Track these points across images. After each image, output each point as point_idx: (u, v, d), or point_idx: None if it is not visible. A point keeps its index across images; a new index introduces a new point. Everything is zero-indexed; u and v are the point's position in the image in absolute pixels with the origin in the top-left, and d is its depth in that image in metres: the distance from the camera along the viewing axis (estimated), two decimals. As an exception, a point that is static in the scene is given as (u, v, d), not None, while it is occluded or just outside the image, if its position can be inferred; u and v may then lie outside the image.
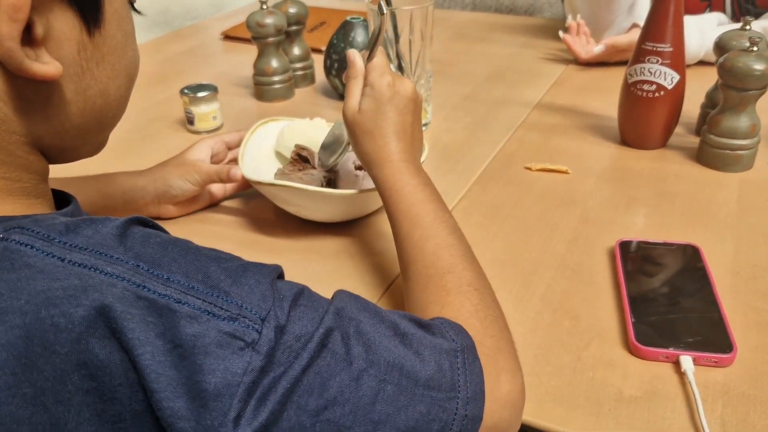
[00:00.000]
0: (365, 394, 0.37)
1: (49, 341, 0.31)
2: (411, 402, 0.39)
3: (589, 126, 0.95)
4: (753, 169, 0.81)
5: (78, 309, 0.31)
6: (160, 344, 0.32)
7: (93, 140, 0.43)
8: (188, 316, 0.33)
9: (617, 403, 0.50)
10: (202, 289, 0.35)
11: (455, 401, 0.40)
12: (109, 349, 0.32)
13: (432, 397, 0.40)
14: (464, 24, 1.46)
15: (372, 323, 0.41)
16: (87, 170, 0.74)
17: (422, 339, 0.42)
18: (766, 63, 0.75)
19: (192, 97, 0.94)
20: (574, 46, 1.15)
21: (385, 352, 0.39)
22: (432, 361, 0.41)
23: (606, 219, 0.73)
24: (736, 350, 0.53)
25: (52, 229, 0.33)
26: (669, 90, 0.83)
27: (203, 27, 1.52)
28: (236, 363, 0.33)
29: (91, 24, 0.37)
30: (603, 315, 0.59)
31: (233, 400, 0.33)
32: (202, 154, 0.74)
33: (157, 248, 0.35)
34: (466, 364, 0.42)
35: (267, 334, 0.35)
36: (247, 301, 0.35)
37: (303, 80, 1.13)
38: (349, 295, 0.43)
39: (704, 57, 1.10)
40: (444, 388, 0.40)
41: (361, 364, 0.38)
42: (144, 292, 0.33)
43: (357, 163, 0.73)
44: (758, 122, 0.79)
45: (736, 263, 0.65)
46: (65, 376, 0.31)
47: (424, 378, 0.40)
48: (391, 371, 0.39)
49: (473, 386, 0.42)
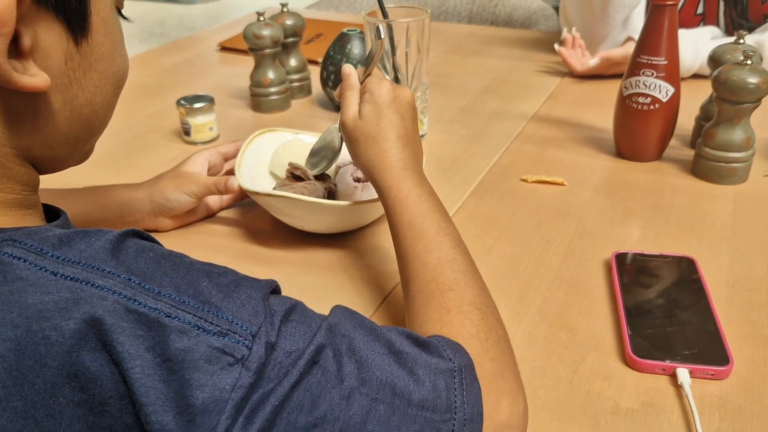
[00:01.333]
0: (356, 413, 0.37)
1: (40, 354, 0.31)
2: (404, 423, 0.38)
3: (584, 138, 0.95)
4: (748, 182, 0.82)
5: (69, 322, 0.31)
6: (150, 358, 0.32)
7: (81, 149, 0.43)
8: (178, 331, 0.33)
9: (614, 416, 0.50)
10: (192, 304, 0.34)
11: (451, 423, 0.40)
12: (99, 362, 0.32)
13: (426, 418, 0.39)
14: (460, 36, 1.47)
15: (366, 341, 0.40)
16: (83, 181, 0.74)
17: (418, 358, 0.41)
18: (760, 76, 0.75)
19: (188, 108, 0.94)
20: (570, 59, 1.16)
21: (378, 371, 0.39)
22: (427, 380, 0.40)
23: (602, 231, 0.73)
24: (733, 363, 0.53)
25: (44, 242, 0.33)
26: (664, 103, 0.83)
27: (200, 38, 1.52)
28: (225, 379, 0.33)
29: (78, 34, 0.37)
30: (599, 327, 0.59)
31: (221, 416, 0.33)
32: (198, 166, 0.74)
33: (150, 262, 0.35)
34: (464, 385, 0.41)
35: (257, 350, 0.35)
36: (238, 316, 0.35)
37: (299, 92, 1.13)
38: (345, 311, 0.43)
39: (698, 70, 1.10)
40: (439, 409, 0.40)
41: (353, 382, 0.37)
42: (134, 305, 0.33)
43: (355, 174, 0.73)
44: (753, 135, 0.80)
45: (731, 275, 0.65)
46: (56, 389, 0.31)
47: (418, 398, 0.39)
48: (383, 390, 0.38)
49: (470, 407, 0.41)
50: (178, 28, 4.34)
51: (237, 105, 1.11)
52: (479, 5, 1.75)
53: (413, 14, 0.86)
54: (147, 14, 4.58)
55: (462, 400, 0.41)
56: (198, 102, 0.95)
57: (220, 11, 4.72)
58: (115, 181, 0.73)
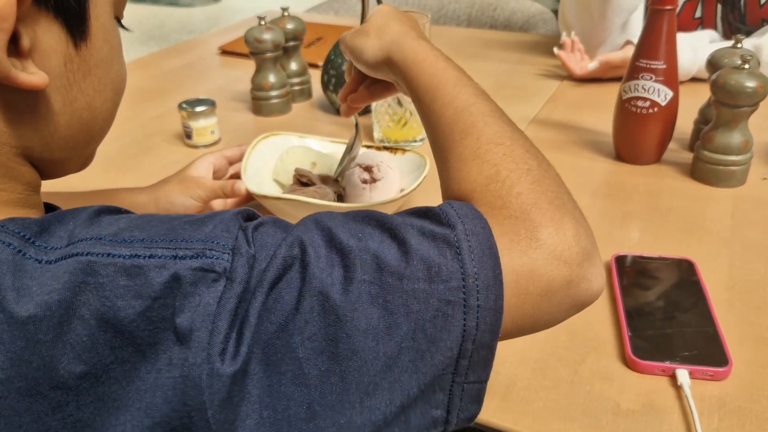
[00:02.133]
0: (345, 300, 0.34)
1: (30, 332, 0.31)
2: (402, 300, 0.35)
3: (584, 141, 0.96)
4: (746, 185, 0.82)
5: (52, 295, 0.31)
6: (139, 303, 0.32)
7: (80, 153, 0.43)
8: (156, 267, 0.32)
9: (614, 416, 0.50)
10: (165, 240, 0.34)
11: (459, 291, 0.35)
12: (90, 329, 0.31)
13: (427, 291, 0.35)
14: (459, 40, 1.47)
15: (350, 224, 0.37)
16: (85, 184, 0.74)
17: (411, 228, 0.37)
18: (757, 80, 0.76)
19: (190, 111, 0.95)
20: (569, 62, 1.17)
21: (362, 252, 0.35)
22: (422, 249, 0.36)
23: (601, 233, 0.74)
24: (732, 364, 0.53)
25: (26, 229, 0.34)
26: (663, 106, 0.84)
27: (200, 42, 1.53)
28: (210, 294, 0.32)
29: (77, 37, 0.37)
30: (600, 329, 0.59)
31: (212, 331, 0.32)
32: (203, 170, 0.75)
33: (123, 223, 0.35)
34: (472, 247, 0.36)
35: (239, 261, 0.33)
36: (212, 236, 0.34)
37: (300, 95, 1.14)
38: (333, 212, 0.40)
39: (697, 74, 1.11)
40: (441, 278, 0.35)
41: (336, 270, 0.35)
42: (109, 259, 0.32)
43: (362, 176, 0.74)
44: (751, 138, 0.81)
45: (730, 277, 0.66)
46: (54, 361, 0.31)
47: (411, 271, 0.35)
48: (370, 270, 0.35)
49: (484, 271, 0.36)
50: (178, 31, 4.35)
51: (238, 108, 1.11)
52: (478, 9, 1.75)
53: (414, 18, 0.86)
54: (147, 17, 4.59)
55: (470, 265, 0.36)
56: (199, 105, 0.95)
57: (219, 14, 4.73)
58: (118, 185, 0.74)
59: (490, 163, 0.43)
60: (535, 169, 0.43)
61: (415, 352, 0.35)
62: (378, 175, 0.72)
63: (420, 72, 0.52)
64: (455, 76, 0.51)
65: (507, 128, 0.46)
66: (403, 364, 0.34)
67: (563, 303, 0.39)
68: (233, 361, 0.32)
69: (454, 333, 0.35)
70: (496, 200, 0.40)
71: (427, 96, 0.50)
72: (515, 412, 0.51)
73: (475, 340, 0.36)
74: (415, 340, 0.35)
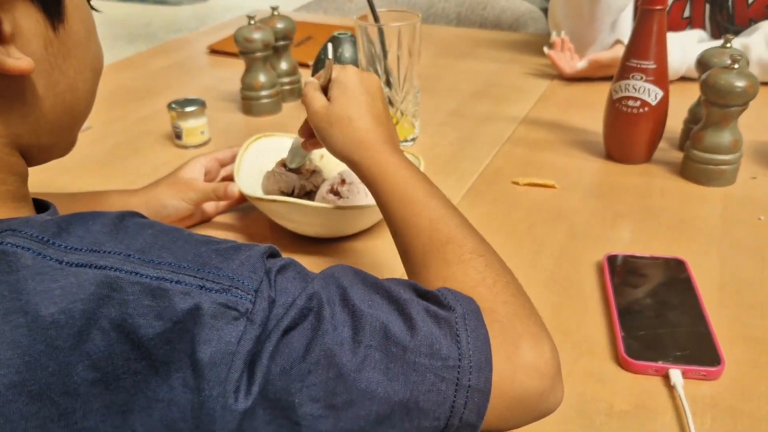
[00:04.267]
0: (350, 360, 0.36)
1: (51, 338, 0.32)
2: (403, 371, 0.37)
3: (574, 141, 0.96)
4: (736, 184, 0.83)
5: (77, 304, 0.32)
6: (160, 324, 0.33)
7: (66, 137, 0.44)
8: (181, 293, 0.34)
9: (608, 417, 0.51)
10: (193, 267, 0.35)
11: (455, 370, 0.38)
12: (109, 340, 0.33)
13: (426, 366, 0.37)
14: (449, 39, 1.47)
15: (361, 289, 0.39)
16: (75, 185, 0.73)
17: (417, 305, 0.40)
18: (747, 80, 0.76)
19: (180, 111, 0.94)
20: (559, 61, 1.17)
21: (372, 319, 0.38)
22: (424, 326, 0.38)
23: (593, 233, 0.74)
24: (724, 363, 0.54)
25: (44, 231, 0.34)
26: (653, 106, 0.84)
27: (189, 41, 1.52)
28: (231, 332, 0.34)
29: (55, 19, 0.38)
30: (592, 329, 0.59)
31: (230, 369, 0.33)
32: (195, 172, 0.74)
33: (148, 237, 0.36)
34: (468, 331, 0.39)
35: (260, 304, 0.35)
36: (239, 274, 0.36)
37: (290, 95, 1.13)
38: (344, 266, 0.42)
39: (686, 73, 1.12)
40: (440, 356, 0.38)
41: (347, 330, 0.37)
42: (136, 278, 0.34)
43: (334, 186, 0.72)
44: (740, 138, 0.81)
45: (721, 277, 0.66)
46: (70, 369, 0.32)
47: (414, 344, 0.37)
48: (378, 337, 0.37)
49: (477, 355, 0.38)
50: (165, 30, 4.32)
51: (228, 108, 1.11)
52: (468, 8, 1.75)
53: (404, 18, 0.86)
54: (133, 16, 4.55)
55: (467, 348, 0.38)
56: (189, 106, 0.95)
57: (207, 13, 4.70)
58: (107, 186, 0.73)
59: (476, 270, 0.46)
60: (512, 283, 0.46)
61: (406, 415, 0.37)
62: (345, 194, 0.71)
63: (390, 184, 0.53)
64: (424, 187, 0.53)
65: (482, 242, 0.49)
66: (393, 422, 0.37)
67: (532, 412, 0.41)
68: (245, 399, 0.34)
69: (443, 407, 0.38)
70: (484, 302, 0.42)
71: (398, 205, 0.52)
72: (509, 413, 0.51)
73: (462, 418, 0.38)
74: (407, 407, 0.37)
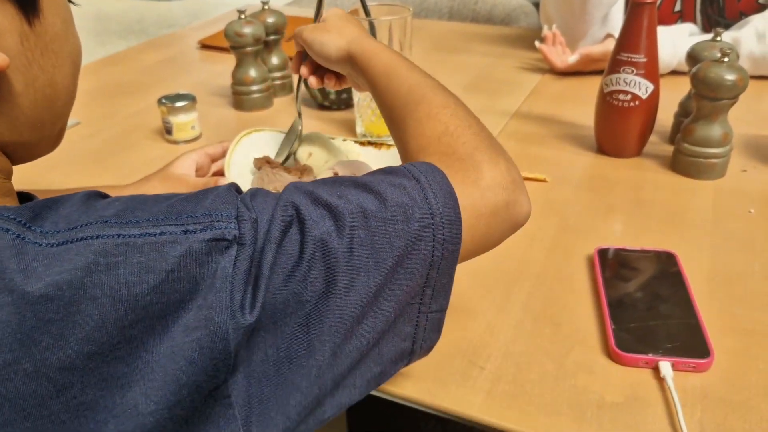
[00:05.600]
0: (340, 245, 0.39)
1: (41, 311, 0.31)
2: (387, 241, 0.40)
3: (566, 135, 0.96)
4: (726, 177, 0.83)
5: (63, 275, 0.32)
6: (153, 277, 0.33)
7: (49, 133, 0.44)
8: (169, 243, 0.34)
9: (599, 409, 0.51)
10: (170, 217, 0.36)
11: (430, 228, 0.42)
12: (101, 308, 0.32)
13: (405, 230, 0.41)
14: (441, 34, 1.47)
15: (325, 187, 0.42)
16: (66, 180, 0.73)
17: (382, 181, 0.43)
18: (737, 73, 0.76)
19: (170, 106, 0.94)
20: (550, 55, 1.17)
21: (347, 203, 0.40)
22: (396, 197, 0.42)
23: (584, 226, 0.74)
24: (714, 355, 0.54)
25: (21, 215, 0.34)
26: (644, 99, 0.84)
27: (180, 36, 1.51)
28: (225, 261, 0.35)
29: (30, 14, 0.38)
30: (583, 322, 0.60)
31: (232, 291, 0.35)
32: (186, 167, 0.74)
33: (118, 205, 0.37)
34: (435, 192, 0.43)
35: (245, 227, 0.36)
36: (214, 209, 0.37)
37: (282, 89, 1.13)
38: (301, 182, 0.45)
39: (677, 67, 1.12)
40: (415, 218, 0.41)
41: (329, 221, 0.39)
42: (120, 239, 0.34)
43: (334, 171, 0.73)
44: (730, 131, 0.81)
45: (711, 269, 0.66)
46: (63, 341, 0.32)
47: (391, 214, 0.41)
48: (358, 218, 0.40)
49: (446, 210, 0.43)
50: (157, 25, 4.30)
51: (219, 103, 1.10)
52: (460, 2, 1.75)
53: (395, 12, 0.86)
54: (125, 11, 4.53)
55: (436, 206, 0.42)
56: (180, 101, 0.94)
57: (199, 8, 4.68)
58: (98, 181, 0.73)
59: (441, 122, 0.52)
60: (474, 125, 0.52)
61: (395, 282, 0.41)
62: None
63: (377, 62, 0.61)
64: (406, 63, 0.60)
65: (451, 97, 0.55)
66: (386, 294, 0.40)
67: (504, 222, 0.47)
68: (252, 312, 0.35)
69: (424, 263, 0.42)
70: (447, 148, 0.49)
71: (384, 79, 0.59)
72: (501, 407, 0.51)
73: (440, 269, 0.43)
74: (396, 272, 0.40)
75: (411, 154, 0.52)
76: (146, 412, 0.33)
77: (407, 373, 0.54)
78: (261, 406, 0.36)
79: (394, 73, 0.59)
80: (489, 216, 0.46)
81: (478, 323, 0.60)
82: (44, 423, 0.32)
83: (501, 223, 0.47)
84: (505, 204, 0.47)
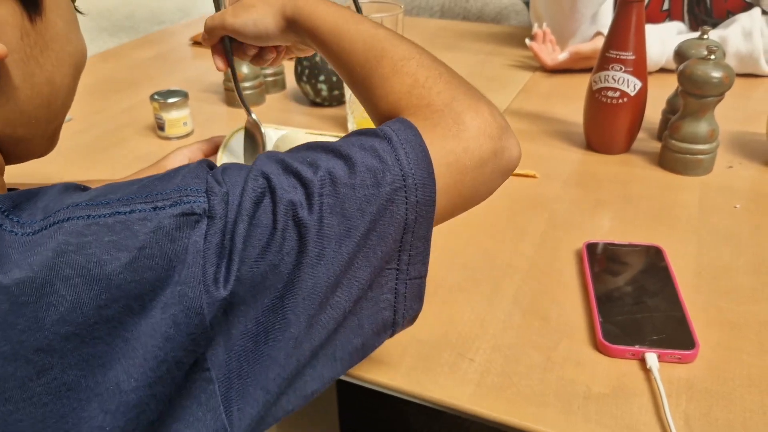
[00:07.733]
0: (310, 215, 0.38)
1: (14, 295, 0.32)
2: (357, 206, 0.39)
3: (555, 131, 0.97)
4: (713, 173, 0.84)
5: (35, 257, 0.32)
6: (125, 255, 0.33)
7: (43, 132, 0.44)
8: (139, 220, 0.34)
9: (586, 400, 0.52)
10: (140, 196, 0.36)
11: (402, 191, 0.40)
12: (75, 288, 0.32)
13: (375, 195, 0.39)
14: (433, 31, 1.48)
15: (296, 154, 0.41)
16: (59, 176, 0.73)
17: (352, 145, 0.41)
18: (723, 71, 0.77)
19: (162, 102, 0.94)
20: (541, 53, 1.18)
21: (316, 170, 0.39)
22: (365, 160, 0.40)
23: (573, 222, 0.75)
24: (699, 347, 0.55)
25: (0, 203, 0.34)
26: (632, 96, 0.85)
27: (172, 33, 1.51)
28: (196, 234, 0.35)
29: (32, 11, 0.39)
30: (571, 315, 0.61)
31: (204, 265, 0.34)
32: (179, 163, 0.74)
33: (93, 192, 0.37)
34: (407, 152, 0.41)
35: (215, 200, 0.36)
36: (184, 184, 0.36)
37: (274, 86, 1.14)
38: None
39: (665, 64, 1.13)
40: (386, 182, 0.40)
41: (299, 191, 0.38)
42: (91, 220, 0.34)
43: None
44: (717, 128, 0.82)
45: (698, 264, 0.67)
46: (39, 323, 0.32)
47: (360, 180, 0.39)
48: (327, 185, 0.39)
49: (419, 171, 0.41)
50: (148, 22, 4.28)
51: (211, 100, 1.11)
52: (451, 0, 1.76)
53: (386, 9, 0.87)
54: (116, 7, 4.51)
55: (408, 167, 0.41)
56: (172, 97, 0.95)
57: (190, 5, 4.66)
58: (90, 177, 0.73)
59: (408, 74, 0.48)
60: (445, 73, 0.49)
61: (368, 248, 0.39)
62: None
63: (321, 22, 0.54)
64: (352, 15, 0.54)
65: (412, 46, 0.51)
66: (359, 261, 0.39)
67: (494, 172, 0.45)
68: (227, 285, 0.35)
69: (397, 227, 0.40)
70: (420, 101, 0.46)
71: (333, 38, 0.53)
72: (490, 398, 0.52)
73: (414, 232, 0.41)
74: (368, 238, 0.39)
75: (383, 115, 0.48)
76: (128, 389, 0.33)
77: (398, 364, 0.55)
78: (240, 381, 0.36)
79: (344, 30, 0.53)
80: (476, 168, 0.44)
81: (468, 316, 0.61)
82: (26, 405, 0.32)
83: (490, 174, 0.45)
84: (493, 153, 0.44)
